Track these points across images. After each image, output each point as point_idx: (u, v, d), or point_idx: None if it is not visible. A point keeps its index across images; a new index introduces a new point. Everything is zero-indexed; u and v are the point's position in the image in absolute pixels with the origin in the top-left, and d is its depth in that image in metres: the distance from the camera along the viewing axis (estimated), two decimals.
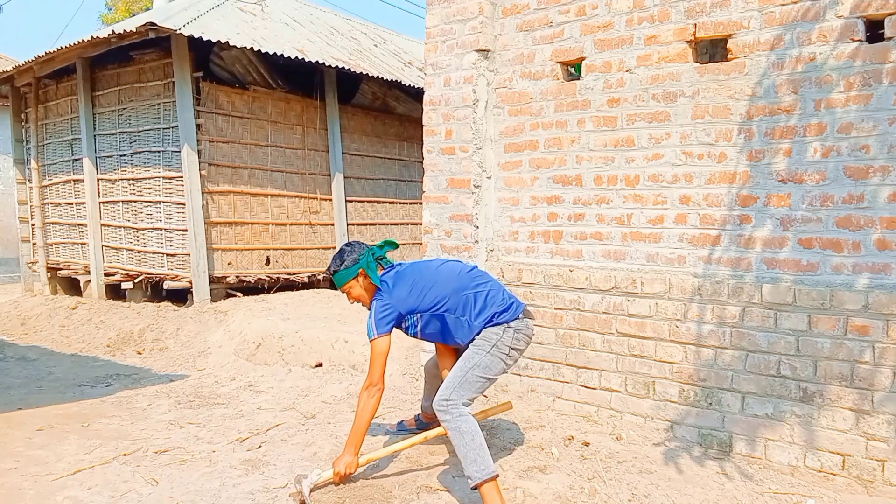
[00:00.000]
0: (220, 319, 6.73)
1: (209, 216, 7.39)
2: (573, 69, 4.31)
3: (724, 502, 3.03)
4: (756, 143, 3.49)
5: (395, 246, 3.20)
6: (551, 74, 4.22)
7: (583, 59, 4.09)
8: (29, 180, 9.55)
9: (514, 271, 4.34)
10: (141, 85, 7.74)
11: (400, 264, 3.23)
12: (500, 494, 2.75)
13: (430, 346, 4.55)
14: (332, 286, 8.70)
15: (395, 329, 3.12)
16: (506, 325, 3.03)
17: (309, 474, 2.97)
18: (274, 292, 7.83)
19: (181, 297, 7.81)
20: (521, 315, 3.09)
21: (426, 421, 3.71)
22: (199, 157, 7.24)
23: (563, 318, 4.15)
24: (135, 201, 7.84)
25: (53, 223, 9.22)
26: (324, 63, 7.82)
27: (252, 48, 7.21)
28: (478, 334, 3.04)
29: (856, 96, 3.21)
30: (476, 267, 3.28)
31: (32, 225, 9.49)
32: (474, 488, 2.77)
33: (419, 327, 3.12)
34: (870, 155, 3.18)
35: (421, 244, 4.85)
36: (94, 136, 8.21)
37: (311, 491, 2.93)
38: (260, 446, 3.61)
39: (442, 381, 3.52)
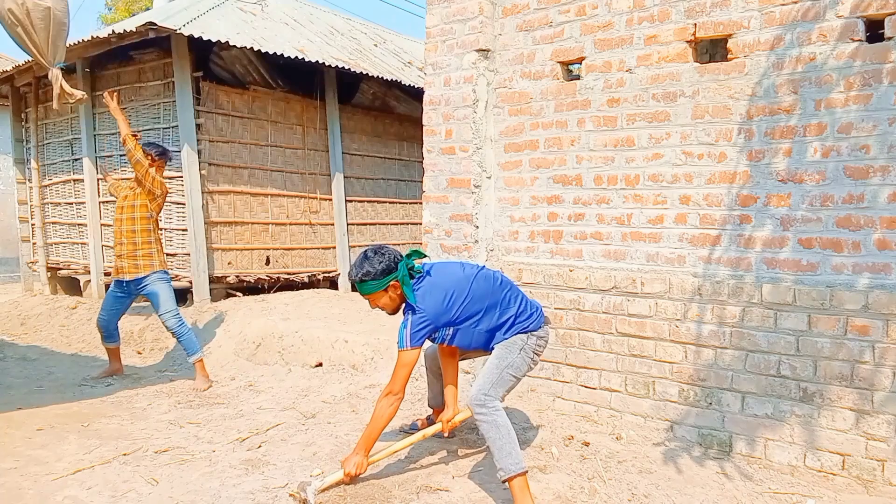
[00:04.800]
0: (220, 319, 6.73)
1: (209, 216, 7.38)
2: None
3: (724, 502, 3.03)
4: (756, 142, 3.49)
5: (422, 255, 3.15)
6: (551, 74, 4.22)
7: (583, 58, 4.09)
8: (29, 180, 9.55)
9: (514, 271, 4.34)
10: (141, 85, 7.73)
11: (429, 271, 3.13)
12: (529, 489, 2.84)
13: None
14: (332, 286, 8.72)
15: None
16: (531, 332, 3.14)
17: (312, 480, 2.97)
18: (274, 292, 7.82)
19: (181, 296, 7.78)
20: (542, 324, 3.22)
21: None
22: (199, 157, 7.23)
23: (563, 318, 4.15)
24: None
25: (53, 223, 9.21)
26: (324, 63, 7.82)
27: (252, 48, 7.21)
28: (498, 343, 3.13)
29: (856, 96, 3.21)
30: (503, 276, 3.29)
31: (32, 224, 9.48)
32: (505, 481, 2.84)
33: (447, 338, 3.14)
34: (870, 155, 3.18)
35: (421, 244, 4.85)
36: (94, 135, 8.21)
37: (316, 495, 2.93)
38: (260, 446, 3.61)
39: (442, 376, 3.55)
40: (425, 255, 3.17)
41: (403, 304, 3.07)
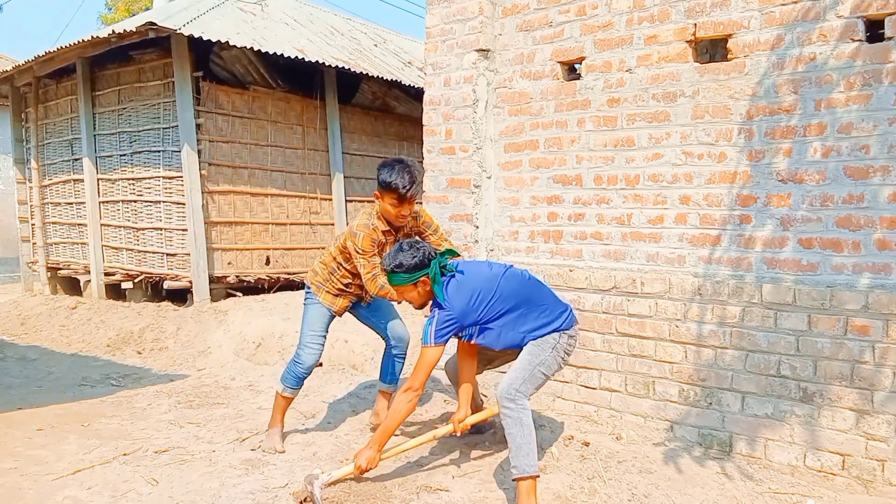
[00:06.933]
0: (220, 319, 6.72)
1: (209, 216, 7.38)
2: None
3: (724, 502, 3.03)
4: (756, 142, 3.48)
5: (455, 254, 3.10)
6: (551, 74, 4.22)
7: (583, 58, 4.09)
8: (29, 180, 9.55)
9: None
10: (141, 85, 7.74)
11: (458, 268, 3.08)
12: (536, 494, 2.85)
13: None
14: None
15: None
16: (563, 331, 3.09)
17: (319, 475, 2.97)
18: (274, 292, 7.82)
19: (181, 296, 7.81)
20: (573, 323, 3.17)
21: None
22: (199, 157, 7.24)
23: None
24: (135, 201, 7.84)
25: (53, 223, 9.22)
26: (324, 63, 7.82)
27: (252, 48, 7.21)
28: (532, 340, 3.08)
29: (856, 96, 3.21)
30: (531, 274, 3.23)
31: (32, 224, 9.49)
32: (515, 480, 2.85)
33: (474, 336, 3.12)
34: (870, 155, 3.18)
35: None
36: (94, 135, 8.21)
37: (322, 489, 2.93)
38: (260, 446, 3.61)
39: (464, 380, 3.45)
40: (459, 255, 3.14)
41: (431, 300, 3.05)
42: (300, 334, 3.69)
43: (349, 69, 8.17)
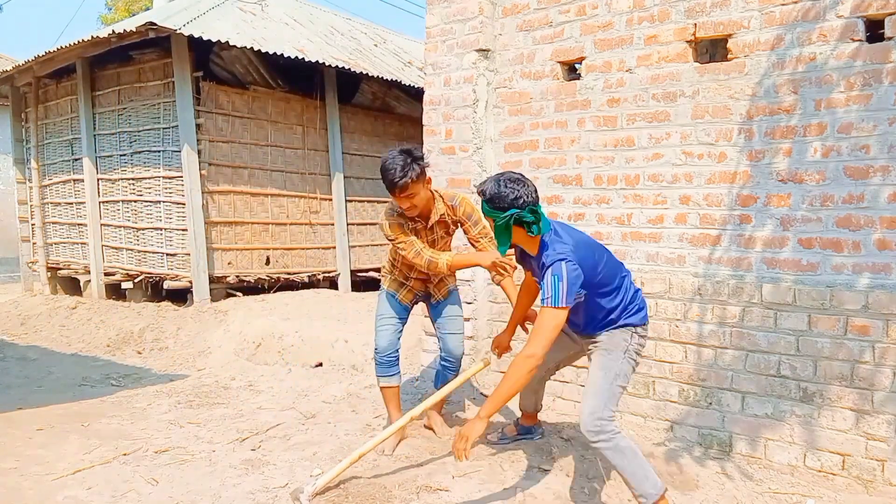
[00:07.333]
0: (220, 319, 6.73)
1: (209, 216, 7.39)
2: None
3: (723, 502, 3.03)
4: (756, 142, 3.49)
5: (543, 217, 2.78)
6: (551, 74, 4.22)
7: (583, 58, 4.09)
8: (29, 180, 9.55)
9: None
10: (141, 85, 7.74)
11: (554, 229, 2.72)
12: None
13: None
14: (332, 286, 8.71)
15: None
16: (633, 329, 2.84)
17: (304, 487, 2.95)
18: (274, 292, 7.82)
19: (181, 296, 7.82)
20: (647, 320, 2.93)
21: (527, 425, 3.62)
22: (199, 157, 7.24)
23: None
24: (135, 201, 7.84)
25: (53, 223, 9.22)
26: (324, 63, 7.82)
27: (252, 48, 7.21)
28: (599, 331, 2.84)
29: (856, 96, 3.21)
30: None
31: (32, 224, 9.49)
32: None
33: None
34: (870, 155, 3.18)
35: None
36: (94, 135, 8.21)
37: (310, 500, 2.92)
38: (260, 446, 3.61)
39: (518, 308, 3.27)
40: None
41: (515, 251, 2.82)
42: (375, 326, 3.69)
43: (349, 69, 8.17)
